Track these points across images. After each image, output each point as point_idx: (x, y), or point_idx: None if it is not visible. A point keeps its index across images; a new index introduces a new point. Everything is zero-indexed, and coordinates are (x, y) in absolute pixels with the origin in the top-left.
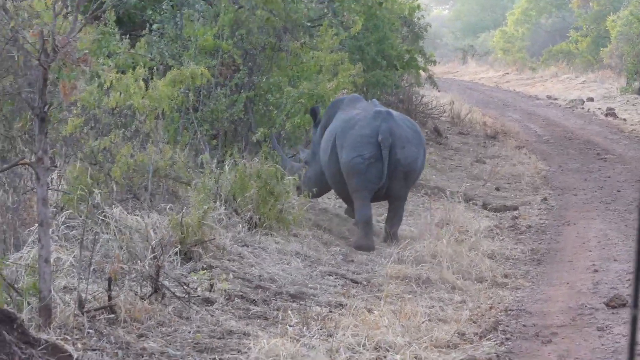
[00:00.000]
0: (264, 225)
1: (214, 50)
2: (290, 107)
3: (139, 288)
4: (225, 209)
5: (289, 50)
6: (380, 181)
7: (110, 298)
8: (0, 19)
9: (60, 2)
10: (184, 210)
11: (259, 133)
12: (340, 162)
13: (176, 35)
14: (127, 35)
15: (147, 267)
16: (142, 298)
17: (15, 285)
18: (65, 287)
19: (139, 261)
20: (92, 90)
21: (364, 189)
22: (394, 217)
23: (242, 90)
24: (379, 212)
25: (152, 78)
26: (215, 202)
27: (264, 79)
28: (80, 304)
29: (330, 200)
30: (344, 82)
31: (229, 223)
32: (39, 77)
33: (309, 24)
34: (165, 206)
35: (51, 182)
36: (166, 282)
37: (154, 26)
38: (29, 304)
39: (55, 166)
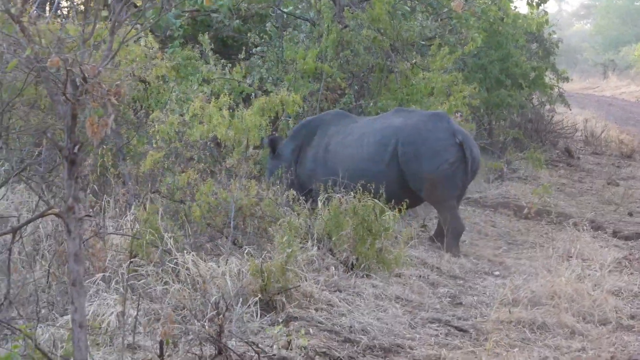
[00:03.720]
0: (362, 266)
1: (317, 73)
2: None
3: (200, 349)
4: (318, 249)
5: (398, 71)
6: (464, 184)
7: None
8: (19, 45)
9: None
10: (264, 255)
11: None
12: (416, 171)
13: (277, 59)
14: (224, 60)
15: (206, 326)
16: None
17: (57, 351)
18: (129, 346)
19: (196, 320)
20: (172, 121)
21: (452, 197)
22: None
23: None
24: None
25: (245, 106)
26: (307, 242)
27: (372, 103)
28: None
29: None
30: (457, 104)
31: (322, 265)
32: (66, 113)
33: (423, 42)
34: (250, 249)
35: (125, 224)
36: (232, 342)
37: (256, 49)
38: None
39: (90, 215)
